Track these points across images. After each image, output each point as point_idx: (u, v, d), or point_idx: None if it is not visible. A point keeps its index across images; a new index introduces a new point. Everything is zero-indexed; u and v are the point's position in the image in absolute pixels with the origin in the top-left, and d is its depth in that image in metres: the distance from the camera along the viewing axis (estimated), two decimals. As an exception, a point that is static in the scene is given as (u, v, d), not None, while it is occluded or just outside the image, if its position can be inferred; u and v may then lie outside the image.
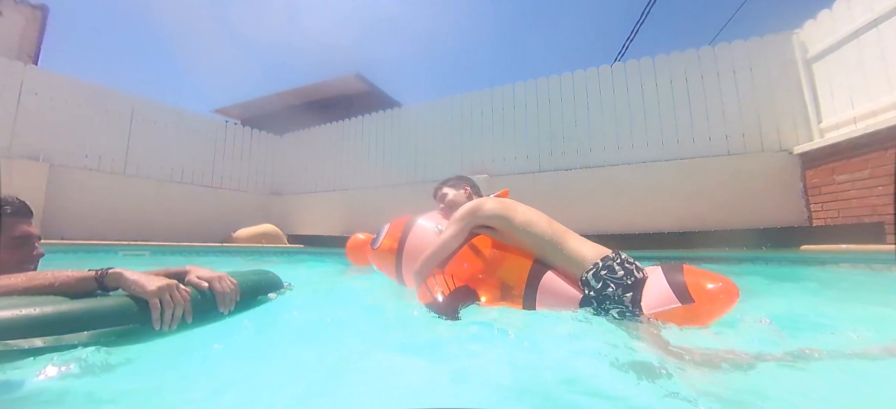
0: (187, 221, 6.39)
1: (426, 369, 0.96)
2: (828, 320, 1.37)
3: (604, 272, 1.28)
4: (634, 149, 4.80)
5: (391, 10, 49.34)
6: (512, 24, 59.06)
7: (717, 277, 1.18)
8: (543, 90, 5.49)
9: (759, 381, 0.84)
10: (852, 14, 3.47)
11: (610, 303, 1.24)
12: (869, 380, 0.85)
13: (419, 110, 6.67)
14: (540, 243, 1.44)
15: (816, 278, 2.72)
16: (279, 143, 8.25)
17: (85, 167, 5.56)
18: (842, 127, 3.58)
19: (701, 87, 4.55)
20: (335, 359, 1.02)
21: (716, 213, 4.10)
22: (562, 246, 1.41)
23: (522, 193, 5.25)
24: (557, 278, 1.38)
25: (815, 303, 1.83)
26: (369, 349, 1.10)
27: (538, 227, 1.48)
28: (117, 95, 6.03)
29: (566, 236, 1.46)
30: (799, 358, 0.89)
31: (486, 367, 0.94)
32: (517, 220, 1.50)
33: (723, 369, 0.87)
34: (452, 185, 1.93)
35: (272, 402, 0.76)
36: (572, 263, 1.37)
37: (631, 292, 1.23)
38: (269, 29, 41.58)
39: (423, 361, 1.02)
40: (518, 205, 1.60)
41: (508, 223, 1.51)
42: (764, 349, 0.96)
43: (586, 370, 0.90)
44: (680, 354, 0.93)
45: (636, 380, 0.82)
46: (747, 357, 0.91)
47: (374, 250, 1.89)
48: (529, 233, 1.47)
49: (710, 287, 1.13)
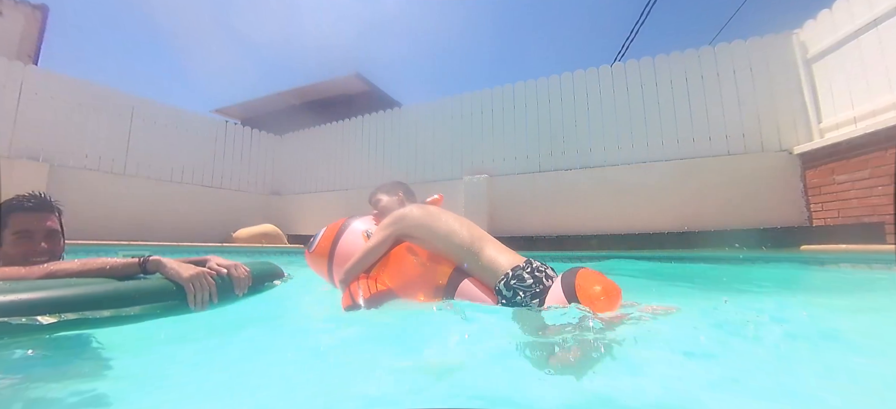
0: (187, 221, 6.39)
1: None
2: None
3: (513, 282, 1.35)
4: (634, 149, 4.80)
5: (391, 10, 49.32)
6: (512, 24, 59.21)
7: (604, 280, 1.28)
8: (543, 90, 5.50)
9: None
10: (852, 14, 3.47)
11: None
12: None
13: (419, 110, 6.67)
14: (460, 251, 1.51)
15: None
16: (279, 143, 8.25)
17: (85, 167, 5.56)
18: (842, 127, 3.58)
19: (701, 87, 4.55)
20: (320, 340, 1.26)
21: (716, 213, 4.10)
22: (479, 256, 1.48)
23: (522, 193, 5.28)
24: (474, 287, 1.45)
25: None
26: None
27: (458, 236, 1.53)
28: (117, 95, 6.03)
29: (484, 246, 1.52)
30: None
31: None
32: (438, 229, 1.56)
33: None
34: (386, 191, 1.95)
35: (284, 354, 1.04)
36: (488, 272, 1.44)
37: (537, 298, 1.32)
38: (269, 29, 41.54)
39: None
40: (442, 214, 1.63)
41: (430, 232, 1.57)
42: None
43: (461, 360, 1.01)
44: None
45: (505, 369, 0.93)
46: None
47: (309, 253, 1.90)
48: (450, 242, 1.53)
49: (594, 290, 1.23)
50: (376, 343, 1.20)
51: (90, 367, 0.94)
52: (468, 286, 1.45)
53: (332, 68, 23.16)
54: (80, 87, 5.65)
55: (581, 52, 50.12)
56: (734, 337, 1.07)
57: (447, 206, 1.90)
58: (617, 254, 3.96)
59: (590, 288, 1.24)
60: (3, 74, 5.01)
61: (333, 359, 1.05)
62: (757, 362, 0.93)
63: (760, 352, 0.98)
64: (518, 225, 5.14)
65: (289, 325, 1.48)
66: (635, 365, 0.91)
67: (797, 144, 3.95)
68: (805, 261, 3.12)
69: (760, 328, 1.14)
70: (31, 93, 5.19)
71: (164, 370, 0.96)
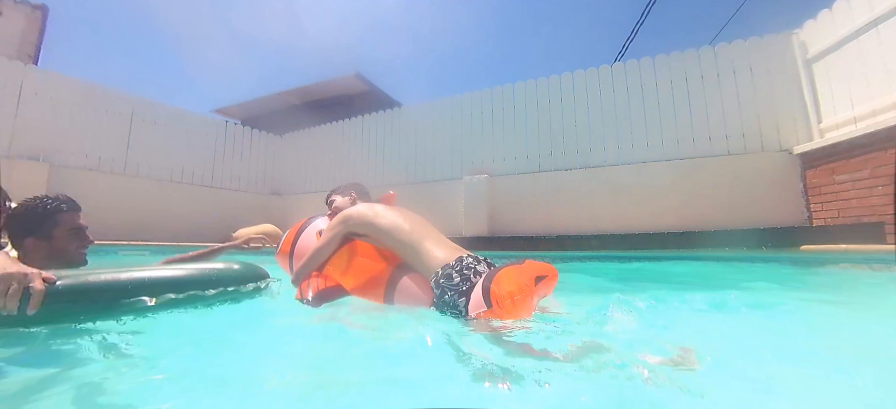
0: (187, 221, 6.39)
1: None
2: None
3: (442, 281, 1.38)
4: (634, 149, 4.80)
5: (391, 10, 49.34)
6: (512, 24, 59.25)
7: (521, 280, 1.29)
8: (543, 90, 5.49)
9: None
10: (852, 14, 3.47)
11: (447, 307, 1.34)
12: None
13: (419, 110, 6.67)
14: (402, 247, 1.56)
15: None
16: (279, 143, 8.25)
17: (85, 167, 5.56)
18: (842, 127, 3.58)
19: (701, 87, 4.55)
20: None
21: (716, 213, 4.10)
22: (418, 251, 1.51)
23: (522, 193, 5.27)
24: (412, 284, 1.50)
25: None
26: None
27: (400, 233, 1.57)
28: (117, 95, 6.03)
29: (424, 242, 1.54)
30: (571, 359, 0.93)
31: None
32: (382, 226, 1.61)
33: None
34: (340, 192, 2.03)
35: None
36: (425, 268, 1.47)
37: (465, 296, 1.32)
38: (269, 29, 41.57)
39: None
40: (387, 211, 1.68)
41: (374, 229, 1.62)
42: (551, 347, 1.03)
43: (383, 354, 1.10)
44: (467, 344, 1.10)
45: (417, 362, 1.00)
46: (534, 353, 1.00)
47: (277, 253, 1.96)
48: (393, 238, 1.58)
49: (504, 293, 1.25)
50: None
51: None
52: (407, 283, 1.51)
53: (332, 68, 23.15)
54: (80, 87, 5.65)
55: (581, 52, 50.12)
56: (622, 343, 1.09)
57: (447, 205, 1.94)
58: (617, 254, 3.96)
59: (501, 291, 1.24)
60: (3, 74, 5.02)
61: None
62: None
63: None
64: (518, 225, 5.14)
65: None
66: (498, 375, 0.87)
67: (797, 144, 3.95)
68: (805, 261, 3.12)
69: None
70: (31, 93, 5.19)
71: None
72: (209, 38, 37.02)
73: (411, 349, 1.10)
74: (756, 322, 1.40)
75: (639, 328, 1.19)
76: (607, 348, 0.96)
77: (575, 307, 1.46)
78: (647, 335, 1.15)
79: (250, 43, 54.56)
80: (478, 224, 5.31)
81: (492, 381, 0.83)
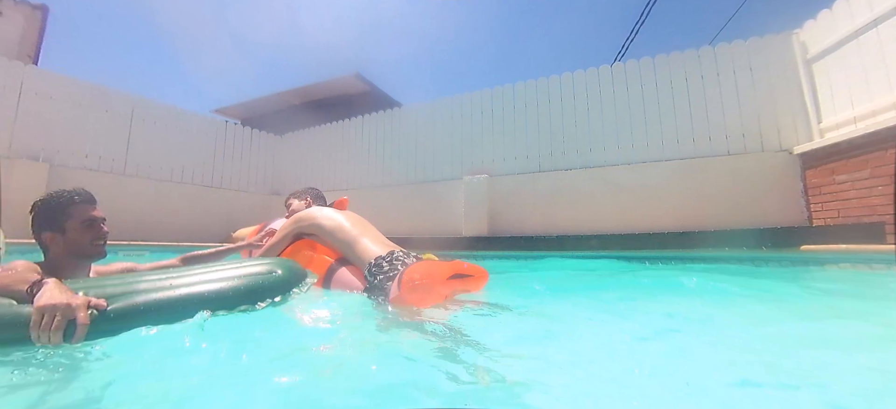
0: (187, 221, 6.39)
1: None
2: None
3: (374, 269, 1.60)
4: (634, 149, 4.80)
5: (391, 11, 49.38)
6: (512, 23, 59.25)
7: (429, 272, 1.45)
8: (543, 90, 5.50)
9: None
10: (852, 14, 3.47)
11: (377, 291, 1.55)
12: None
13: (419, 110, 6.67)
14: (342, 244, 1.81)
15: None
16: (279, 143, 8.25)
17: (85, 167, 5.56)
18: (842, 127, 3.58)
19: (701, 87, 4.56)
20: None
21: (716, 213, 4.10)
22: (355, 247, 1.76)
23: (522, 193, 5.27)
24: (347, 273, 1.76)
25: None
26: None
27: (341, 232, 1.83)
28: (117, 95, 6.03)
29: (361, 239, 1.79)
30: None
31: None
32: (326, 227, 1.87)
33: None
34: (297, 196, 2.35)
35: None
36: (360, 260, 1.71)
37: (390, 282, 1.52)
38: (269, 29, 41.58)
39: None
40: (333, 215, 1.92)
41: (319, 229, 1.88)
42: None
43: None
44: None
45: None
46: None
47: (242, 252, 2.23)
48: (334, 237, 1.83)
49: (415, 281, 1.41)
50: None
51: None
52: (343, 273, 1.76)
53: (332, 68, 23.15)
54: (80, 87, 5.65)
55: (581, 52, 50.07)
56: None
57: (447, 205, 2.02)
58: (617, 254, 3.95)
59: (408, 277, 1.41)
60: (3, 73, 5.01)
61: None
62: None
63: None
64: (518, 225, 5.14)
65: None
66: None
67: (797, 144, 3.95)
68: (805, 261, 3.13)
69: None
70: (31, 93, 5.19)
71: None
72: (209, 38, 37.01)
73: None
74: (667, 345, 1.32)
75: (528, 333, 1.34)
76: (471, 343, 1.09)
77: (499, 306, 1.60)
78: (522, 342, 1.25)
79: (250, 43, 54.59)
80: (478, 224, 5.31)
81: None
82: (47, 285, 1.00)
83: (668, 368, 0.96)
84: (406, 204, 6.25)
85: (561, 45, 51.68)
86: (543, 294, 2.21)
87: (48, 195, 1.42)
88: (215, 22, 36.29)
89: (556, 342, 1.21)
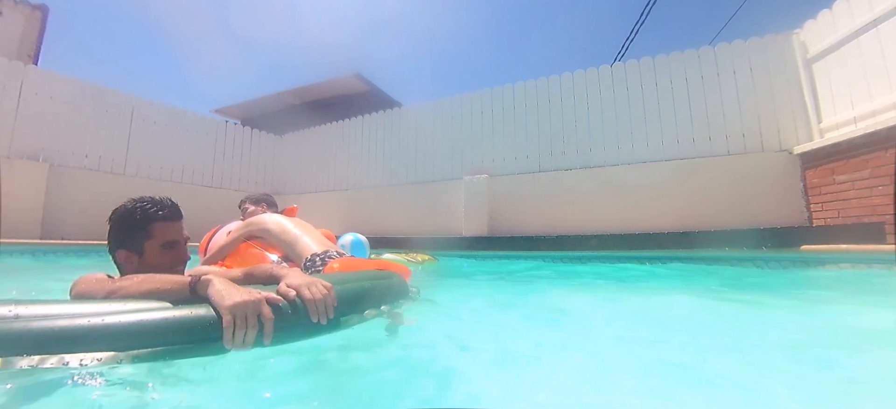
0: (187, 221, 6.31)
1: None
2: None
3: (309, 263, 1.88)
4: (634, 149, 4.80)
5: (391, 10, 49.36)
6: (512, 23, 59.09)
7: (349, 266, 1.78)
8: (543, 90, 5.49)
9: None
10: (852, 14, 3.47)
11: None
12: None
13: (419, 110, 6.67)
14: (285, 245, 2.07)
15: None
16: (279, 143, 8.25)
17: (85, 167, 5.56)
18: (842, 127, 3.58)
19: (701, 87, 4.55)
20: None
21: (716, 213, 4.10)
22: (295, 246, 2.01)
23: (522, 193, 5.27)
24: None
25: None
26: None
27: (285, 235, 2.09)
28: (117, 95, 6.03)
29: (302, 239, 2.04)
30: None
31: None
32: (273, 230, 2.13)
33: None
34: (253, 201, 2.58)
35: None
36: (299, 257, 1.97)
37: (319, 273, 1.74)
38: (269, 29, 41.58)
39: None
40: (282, 220, 2.19)
41: (268, 233, 2.14)
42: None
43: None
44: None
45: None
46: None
47: (199, 250, 2.43)
48: (278, 238, 2.10)
49: (335, 271, 1.72)
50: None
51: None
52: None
53: (332, 68, 23.16)
54: (80, 87, 5.65)
55: (581, 52, 50.11)
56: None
57: (447, 205, 2.05)
58: (617, 254, 3.96)
59: (330, 269, 1.74)
60: (3, 73, 5.01)
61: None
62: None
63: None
64: (518, 225, 5.14)
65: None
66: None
67: (797, 144, 3.95)
68: (805, 261, 3.13)
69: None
70: (31, 93, 5.19)
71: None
72: (209, 38, 37.01)
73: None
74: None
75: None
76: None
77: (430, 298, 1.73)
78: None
79: (250, 43, 54.55)
80: (478, 224, 5.31)
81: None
82: (218, 282, 0.90)
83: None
84: (406, 204, 6.25)
85: (561, 46, 51.59)
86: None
87: (129, 205, 1.21)
88: (215, 22, 36.24)
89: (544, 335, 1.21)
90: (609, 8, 38.73)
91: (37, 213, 4.85)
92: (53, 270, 3.05)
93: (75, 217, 5.20)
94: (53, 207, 5.01)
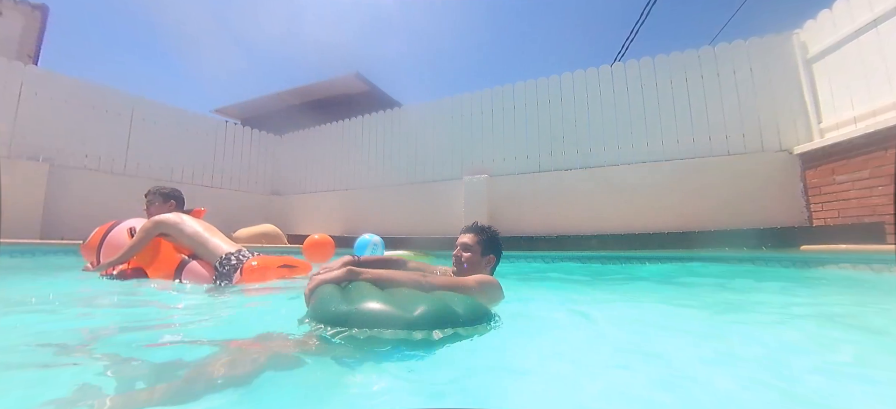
0: (187, 221, 6.37)
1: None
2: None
3: (223, 261, 2.10)
4: (634, 149, 4.80)
5: (391, 10, 49.34)
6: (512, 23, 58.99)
7: (265, 263, 2.12)
8: (543, 90, 5.49)
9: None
10: (852, 14, 3.47)
11: (225, 278, 2.08)
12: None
13: (419, 110, 6.67)
14: (196, 244, 2.23)
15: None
16: (279, 143, 8.25)
17: (85, 167, 5.56)
18: (842, 127, 3.58)
19: (701, 87, 4.55)
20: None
21: (716, 213, 4.10)
22: (207, 246, 2.20)
23: (522, 193, 5.27)
24: (198, 266, 2.19)
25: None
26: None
27: (197, 236, 2.24)
28: (117, 95, 6.02)
29: (212, 239, 2.24)
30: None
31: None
32: (184, 231, 2.25)
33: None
34: (162, 197, 2.66)
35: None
36: (212, 256, 2.17)
37: (236, 271, 2.09)
38: (269, 29, 41.57)
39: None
40: (192, 222, 2.31)
41: (180, 233, 2.26)
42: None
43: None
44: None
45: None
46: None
47: (83, 245, 2.49)
48: (190, 238, 2.23)
49: (253, 268, 2.06)
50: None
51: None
52: (193, 266, 2.19)
53: (332, 68, 23.16)
54: (80, 87, 5.65)
55: (581, 53, 50.07)
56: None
57: (447, 205, 2.06)
58: (616, 254, 3.96)
59: (249, 267, 2.05)
60: (3, 73, 5.01)
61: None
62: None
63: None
64: (518, 225, 5.14)
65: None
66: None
67: (797, 144, 3.95)
68: (805, 261, 3.13)
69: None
70: (31, 93, 5.19)
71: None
72: (209, 38, 36.99)
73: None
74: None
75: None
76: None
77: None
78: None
79: (250, 43, 54.53)
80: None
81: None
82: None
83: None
84: (406, 204, 6.24)
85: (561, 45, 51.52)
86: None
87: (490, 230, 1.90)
88: (215, 22, 36.20)
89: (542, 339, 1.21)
90: (609, 8, 38.72)
91: (37, 213, 4.85)
92: (54, 270, 3.05)
93: (75, 217, 5.20)
94: (53, 207, 5.01)
